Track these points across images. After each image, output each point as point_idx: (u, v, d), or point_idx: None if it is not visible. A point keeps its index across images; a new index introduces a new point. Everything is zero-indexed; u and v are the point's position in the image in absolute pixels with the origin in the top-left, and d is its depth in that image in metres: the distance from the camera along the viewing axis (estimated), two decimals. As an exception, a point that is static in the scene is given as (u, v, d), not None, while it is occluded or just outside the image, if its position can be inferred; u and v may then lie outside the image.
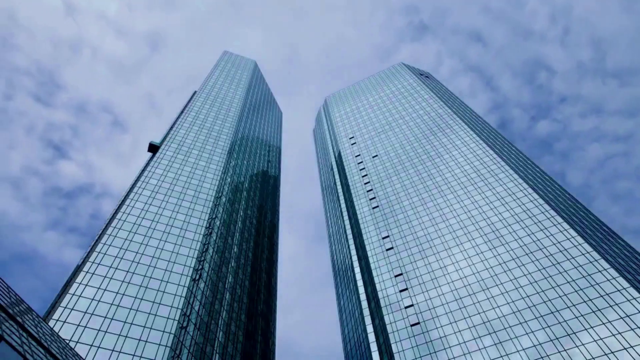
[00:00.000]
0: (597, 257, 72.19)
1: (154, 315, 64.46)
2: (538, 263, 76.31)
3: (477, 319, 72.45)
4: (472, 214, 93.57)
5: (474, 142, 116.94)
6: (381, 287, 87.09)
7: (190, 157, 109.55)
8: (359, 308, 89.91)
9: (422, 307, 79.08)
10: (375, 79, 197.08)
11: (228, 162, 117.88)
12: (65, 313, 59.27)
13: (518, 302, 71.62)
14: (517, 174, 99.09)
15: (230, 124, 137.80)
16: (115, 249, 73.36)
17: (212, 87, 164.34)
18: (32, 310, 35.79)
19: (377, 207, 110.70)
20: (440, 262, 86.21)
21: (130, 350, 58.00)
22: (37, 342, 28.95)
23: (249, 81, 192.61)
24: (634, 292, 64.61)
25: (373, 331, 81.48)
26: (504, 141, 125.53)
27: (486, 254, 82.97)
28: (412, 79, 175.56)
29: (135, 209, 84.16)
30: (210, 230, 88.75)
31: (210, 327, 73.16)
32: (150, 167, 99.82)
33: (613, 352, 58.62)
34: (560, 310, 67.18)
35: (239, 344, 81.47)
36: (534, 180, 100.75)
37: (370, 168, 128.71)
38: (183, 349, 62.83)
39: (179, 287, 71.03)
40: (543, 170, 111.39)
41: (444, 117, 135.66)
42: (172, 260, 75.78)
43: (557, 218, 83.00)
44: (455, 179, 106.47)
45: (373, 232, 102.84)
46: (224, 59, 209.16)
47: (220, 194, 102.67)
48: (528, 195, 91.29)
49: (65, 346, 38.02)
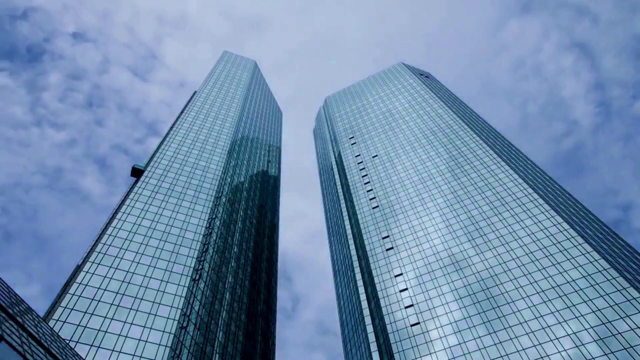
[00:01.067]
0: (597, 257, 72.19)
1: (154, 315, 64.46)
2: (538, 263, 76.30)
3: (477, 319, 72.46)
4: (472, 214, 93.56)
5: (474, 142, 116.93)
6: (381, 287, 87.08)
7: (190, 157, 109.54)
8: (359, 308, 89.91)
9: (422, 307, 79.08)
10: (375, 79, 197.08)
11: (228, 162, 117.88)
12: (65, 313, 59.27)
13: (518, 302, 71.62)
14: (517, 173, 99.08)
15: (230, 124, 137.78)
16: (115, 249, 73.36)
17: (212, 87, 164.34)
18: (32, 310, 35.79)
19: (377, 207, 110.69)
20: (441, 262, 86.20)
21: (130, 350, 58.00)
22: (37, 342, 28.95)
23: (249, 81, 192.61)
24: (633, 292, 64.62)
25: (373, 331, 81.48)
26: (504, 141, 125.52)
27: (486, 254, 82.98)
28: (412, 79, 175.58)
29: (136, 209, 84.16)
30: (210, 230, 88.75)
31: (210, 327, 73.16)
32: (150, 167, 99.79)
33: (613, 352, 58.64)
34: (560, 310, 67.19)
35: (239, 344, 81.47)
36: (534, 180, 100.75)
37: (370, 168, 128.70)
38: (183, 349, 62.84)
39: (179, 287, 71.04)
40: (543, 170, 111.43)
41: (444, 117, 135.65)
42: (172, 260, 75.78)
43: (557, 218, 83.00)
44: (455, 179, 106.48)
45: (373, 232, 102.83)
46: (224, 59, 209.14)
47: (220, 194, 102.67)
48: (528, 196, 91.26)
49: (65, 346, 38.02)
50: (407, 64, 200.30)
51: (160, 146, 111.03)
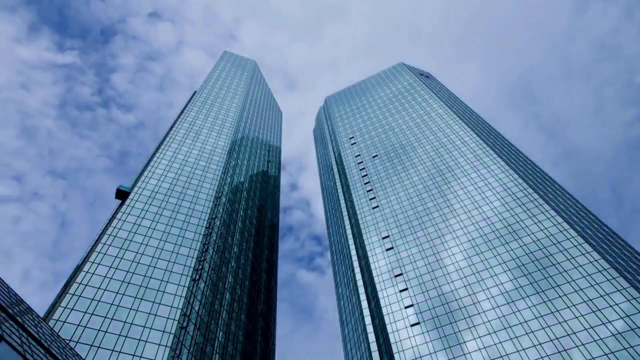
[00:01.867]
0: (597, 257, 72.18)
1: (154, 315, 64.46)
2: (538, 263, 76.30)
3: (477, 319, 72.47)
4: (472, 214, 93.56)
5: (474, 142, 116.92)
6: (381, 287, 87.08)
7: (190, 157, 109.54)
8: (359, 308, 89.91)
9: (422, 307, 79.08)
10: (375, 79, 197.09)
11: (228, 162, 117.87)
12: (65, 313, 59.27)
13: (518, 302, 71.62)
14: (517, 174, 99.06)
15: (230, 124, 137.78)
16: (115, 249, 73.36)
17: (212, 87, 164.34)
18: (32, 310, 35.79)
19: (377, 207, 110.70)
20: (441, 262, 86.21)
21: (130, 350, 58.00)
22: (37, 342, 28.95)
23: (249, 81, 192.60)
24: (633, 292, 64.62)
25: (373, 331, 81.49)
26: (504, 140, 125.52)
27: (486, 254, 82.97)
28: (412, 79, 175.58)
29: (135, 209, 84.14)
30: (210, 230, 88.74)
31: (210, 327, 73.16)
32: (150, 167, 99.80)
33: (613, 352, 58.62)
34: (560, 310, 67.18)
35: (239, 344, 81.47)
36: (534, 180, 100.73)
37: (370, 168, 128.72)
38: (183, 349, 62.83)
39: (179, 287, 71.03)
40: (543, 170, 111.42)
41: (444, 117, 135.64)
42: (172, 260, 75.78)
43: (557, 218, 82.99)
44: (455, 179, 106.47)
45: (373, 232, 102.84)
46: (224, 58, 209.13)
47: (220, 194, 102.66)
48: (528, 195, 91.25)
49: (65, 346, 38.01)
50: (407, 64, 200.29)
51: (160, 146, 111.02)
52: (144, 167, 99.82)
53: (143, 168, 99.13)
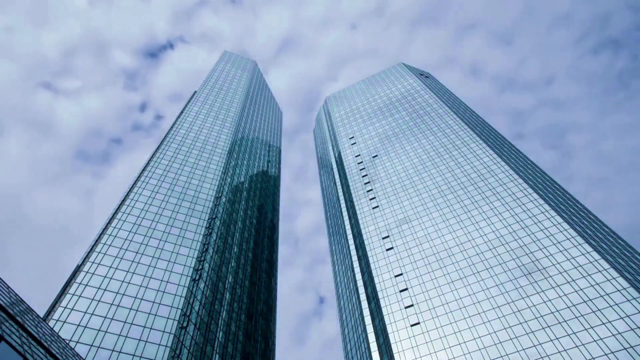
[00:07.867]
0: (597, 257, 72.18)
1: (154, 315, 64.46)
2: (538, 263, 76.30)
3: (477, 319, 72.47)
4: (472, 214, 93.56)
5: (474, 142, 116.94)
6: (381, 287, 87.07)
7: (190, 157, 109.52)
8: (359, 308, 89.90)
9: (422, 307, 79.07)
10: (375, 79, 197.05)
11: (228, 162, 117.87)
12: (65, 313, 59.26)
13: (518, 302, 71.62)
14: (517, 174, 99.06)
15: (230, 124, 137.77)
16: (115, 249, 73.35)
17: (212, 87, 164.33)
18: (32, 310, 35.78)
19: (377, 207, 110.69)
20: (441, 262, 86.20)
21: (130, 350, 57.99)
22: (37, 342, 28.95)
23: (249, 81, 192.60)
24: (634, 292, 64.61)
25: (373, 331, 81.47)
26: (504, 140, 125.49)
27: (486, 254, 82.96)
28: (412, 79, 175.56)
29: (135, 209, 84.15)
30: (210, 230, 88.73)
31: (210, 327, 73.15)
32: (150, 167, 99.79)
33: (613, 352, 58.61)
34: (560, 310, 67.18)
35: (239, 344, 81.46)
36: (534, 180, 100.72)
37: (370, 168, 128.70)
38: (183, 349, 62.83)
39: (179, 287, 71.03)
40: (543, 170, 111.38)
41: (444, 117, 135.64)
42: (172, 260, 75.77)
43: (557, 218, 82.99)
44: (455, 179, 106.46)
45: (373, 232, 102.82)
46: (224, 58, 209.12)
47: (220, 194, 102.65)
48: (528, 196, 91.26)
49: (65, 346, 38.01)
50: (407, 64, 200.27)
51: (160, 146, 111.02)
52: (144, 166, 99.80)
53: (143, 167, 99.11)
